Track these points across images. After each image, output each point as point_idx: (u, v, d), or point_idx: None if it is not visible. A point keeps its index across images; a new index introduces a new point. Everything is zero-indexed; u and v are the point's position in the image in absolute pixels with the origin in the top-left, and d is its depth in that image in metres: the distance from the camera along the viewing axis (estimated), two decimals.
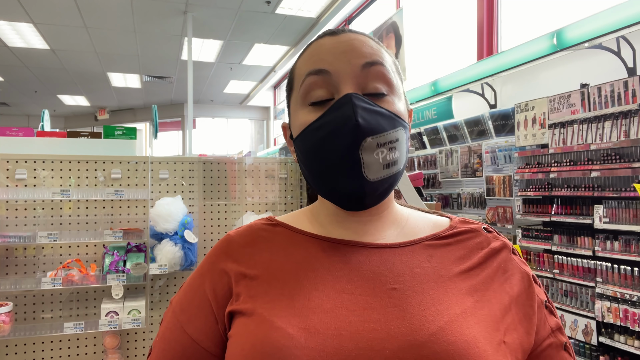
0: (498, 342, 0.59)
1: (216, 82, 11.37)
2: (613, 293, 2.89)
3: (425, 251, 0.66)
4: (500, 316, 0.61)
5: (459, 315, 0.58)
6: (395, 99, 0.65)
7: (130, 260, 2.40)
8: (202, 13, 7.07)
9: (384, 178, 0.62)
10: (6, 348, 2.31)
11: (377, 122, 0.61)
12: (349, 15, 7.92)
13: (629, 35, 3.14)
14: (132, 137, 2.65)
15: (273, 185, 2.77)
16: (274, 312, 0.58)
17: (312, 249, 0.66)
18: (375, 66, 0.64)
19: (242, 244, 0.68)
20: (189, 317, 0.65)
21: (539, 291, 0.68)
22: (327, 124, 0.61)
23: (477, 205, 4.43)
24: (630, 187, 2.84)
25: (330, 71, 0.63)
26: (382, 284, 0.61)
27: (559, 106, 3.42)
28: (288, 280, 0.62)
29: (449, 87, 4.79)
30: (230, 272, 0.65)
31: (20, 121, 14.41)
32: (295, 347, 0.54)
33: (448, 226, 0.71)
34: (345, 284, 0.61)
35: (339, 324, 0.56)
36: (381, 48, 0.68)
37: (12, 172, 2.35)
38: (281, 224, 0.70)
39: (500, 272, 0.66)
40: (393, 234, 0.68)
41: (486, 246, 0.68)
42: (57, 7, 6.72)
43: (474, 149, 4.47)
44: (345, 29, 0.68)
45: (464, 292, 0.62)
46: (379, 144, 0.60)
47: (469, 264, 0.65)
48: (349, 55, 0.64)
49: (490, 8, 4.92)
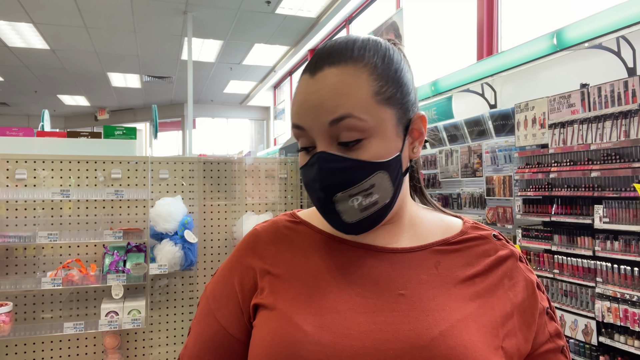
0: (496, 347, 0.62)
1: (216, 82, 11.37)
2: (613, 293, 2.89)
3: (434, 257, 0.70)
4: (500, 323, 0.65)
5: (460, 321, 0.62)
6: (374, 141, 0.64)
7: (130, 260, 2.39)
8: (202, 13, 7.06)
9: (363, 219, 0.65)
10: (6, 348, 2.31)
11: (346, 177, 0.63)
12: (349, 15, 7.92)
13: (629, 35, 3.13)
14: (132, 137, 2.65)
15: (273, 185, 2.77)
16: (292, 309, 0.64)
17: (329, 250, 0.70)
18: (343, 121, 0.62)
19: (267, 241, 0.73)
20: (219, 305, 0.72)
21: (542, 298, 0.71)
22: (304, 177, 0.67)
23: (477, 205, 4.43)
24: (630, 187, 2.84)
25: (305, 128, 0.65)
26: (391, 289, 0.65)
27: (559, 106, 3.42)
28: (307, 280, 0.67)
29: (449, 87, 4.79)
30: (256, 268, 0.71)
31: (20, 121, 14.41)
32: (309, 342, 0.60)
33: (459, 231, 0.74)
34: (357, 287, 0.66)
35: (349, 324, 0.61)
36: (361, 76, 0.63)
37: (12, 172, 2.34)
38: (303, 222, 0.75)
39: (505, 279, 0.69)
40: (405, 237, 0.72)
41: (493, 254, 0.71)
42: (57, 7, 6.72)
43: (474, 149, 4.47)
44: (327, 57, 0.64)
45: (467, 298, 0.65)
46: (351, 195, 0.63)
47: (475, 271, 0.68)
48: (317, 112, 0.63)
49: (490, 8, 4.92)
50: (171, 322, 2.58)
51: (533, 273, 0.73)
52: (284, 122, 11.91)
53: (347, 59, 0.64)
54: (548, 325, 0.70)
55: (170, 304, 2.58)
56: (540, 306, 0.70)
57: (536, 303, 0.69)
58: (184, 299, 2.60)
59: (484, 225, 0.77)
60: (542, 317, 0.69)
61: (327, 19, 7.41)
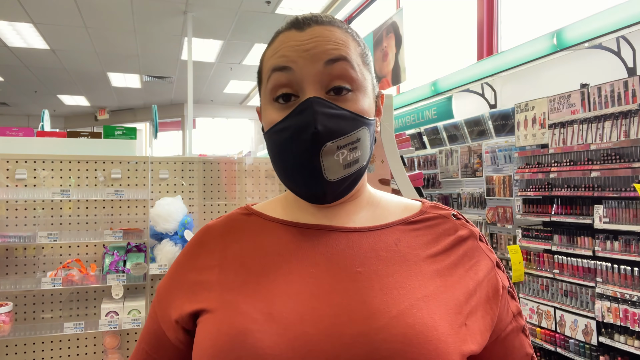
0: (459, 324, 0.60)
1: (216, 82, 11.37)
2: (613, 293, 2.89)
3: (393, 235, 0.67)
4: (463, 300, 0.63)
5: (420, 299, 0.60)
6: (360, 95, 0.65)
7: (130, 260, 2.40)
8: (202, 13, 7.07)
9: (345, 177, 0.64)
10: (6, 348, 2.31)
11: (338, 126, 0.62)
12: (349, 15, 7.92)
13: (629, 35, 3.14)
14: (132, 137, 2.65)
15: (273, 185, 2.77)
16: (239, 298, 0.61)
17: (282, 235, 0.68)
18: (339, 62, 0.63)
19: (216, 235, 0.72)
20: (162, 306, 0.70)
21: (503, 277, 0.70)
22: (289, 128, 0.63)
23: (477, 205, 4.43)
24: (630, 187, 2.84)
25: (294, 69, 0.63)
26: (348, 267, 0.63)
27: (559, 106, 3.42)
28: (255, 268, 0.65)
29: (449, 87, 4.79)
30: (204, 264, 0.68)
31: (20, 121, 14.41)
32: (258, 330, 0.57)
33: (418, 211, 0.72)
34: (310, 269, 0.63)
35: (302, 309, 0.58)
36: (348, 38, 0.67)
37: (12, 172, 2.35)
38: (255, 213, 0.73)
39: (466, 258, 0.67)
40: (364, 217, 0.70)
41: (453, 233, 0.70)
42: (57, 7, 6.72)
43: (474, 149, 4.47)
44: (312, 18, 0.67)
45: (428, 276, 0.63)
46: (339, 147, 0.62)
47: (436, 250, 0.67)
48: (311, 53, 0.63)
49: (490, 8, 4.92)
50: None
51: (493, 253, 0.72)
52: None
53: (332, 23, 0.67)
54: (510, 304, 0.70)
55: None
56: (502, 284, 0.69)
57: (497, 282, 0.68)
58: None
59: (444, 206, 0.75)
60: (504, 296, 0.68)
61: None
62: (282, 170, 0.66)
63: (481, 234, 0.73)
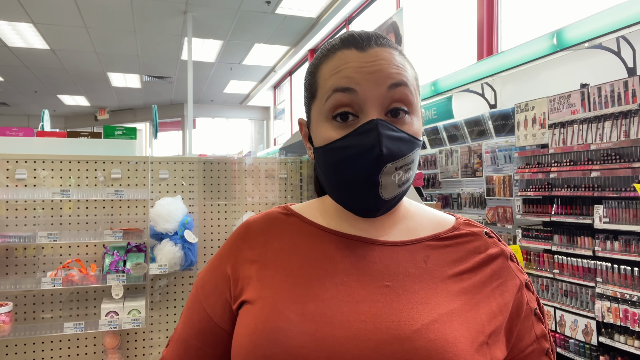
0: (480, 343, 0.62)
1: (216, 82, 11.37)
2: (613, 293, 2.89)
3: (423, 251, 0.69)
4: (486, 320, 0.64)
5: (443, 315, 0.62)
6: (414, 119, 0.68)
7: (130, 260, 2.40)
8: (202, 13, 7.07)
9: (397, 195, 0.67)
10: (6, 348, 2.31)
11: (398, 148, 0.65)
12: (349, 15, 7.92)
13: (629, 35, 3.14)
14: (132, 137, 2.65)
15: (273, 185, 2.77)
16: (277, 297, 0.65)
17: (318, 241, 0.71)
18: (400, 87, 0.66)
19: (258, 232, 0.75)
20: (206, 294, 0.74)
21: (531, 298, 0.71)
22: (353, 147, 0.65)
23: (477, 205, 4.43)
24: (630, 187, 2.84)
25: (358, 91, 0.65)
26: (378, 280, 0.66)
27: (559, 106, 3.42)
28: (293, 269, 0.68)
29: (449, 87, 4.79)
30: (245, 258, 0.72)
31: (20, 121, 14.41)
32: (291, 329, 0.61)
33: (450, 227, 0.73)
34: (344, 277, 0.66)
35: (332, 313, 0.62)
36: (405, 61, 0.69)
37: (12, 172, 2.35)
38: (295, 214, 0.76)
39: (494, 278, 0.68)
40: (398, 231, 0.72)
41: (484, 251, 0.71)
42: (57, 7, 6.72)
43: (474, 149, 4.47)
44: (371, 38, 0.68)
45: (453, 293, 0.65)
46: (397, 168, 0.65)
47: (463, 267, 0.68)
48: (376, 76, 0.65)
49: (490, 8, 4.92)
50: (171, 322, 2.58)
51: (523, 273, 0.73)
52: (284, 122, 11.91)
53: (391, 45, 0.69)
54: (535, 326, 0.70)
55: (170, 304, 2.58)
56: (528, 307, 0.69)
57: (522, 304, 0.69)
58: (184, 299, 2.60)
59: (477, 223, 0.76)
60: (529, 318, 0.69)
61: (327, 19, 7.41)
62: (337, 185, 0.68)
63: (512, 253, 0.74)
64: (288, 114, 11.54)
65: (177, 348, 0.76)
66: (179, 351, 0.75)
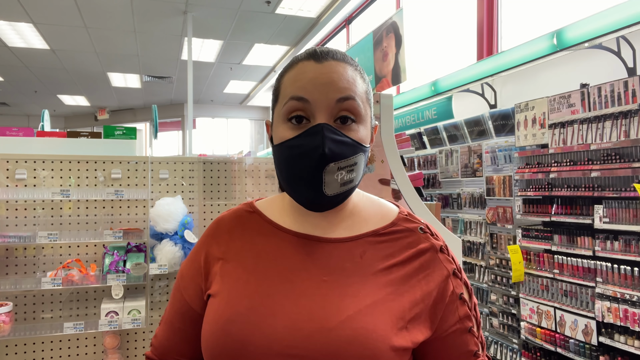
0: (400, 328, 0.72)
1: (216, 82, 11.37)
2: (613, 293, 2.89)
3: (361, 247, 0.79)
4: (408, 307, 0.74)
5: (368, 306, 0.72)
6: (361, 127, 0.77)
7: (130, 260, 2.40)
8: (202, 13, 7.06)
9: (340, 193, 0.75)
10: (6, 348, 2.31)
11: (341, 150, 0.73)
12: (348, 15, 7.92)
13: (629, 35, 3.13)
14: (132, 137, 2.65)
15: (273, 185, 2.77)
16: (232, 292, 0.76)
17: (272, 239, 0.81)
18: (348, 101, 0.74)
19: (224, 230, 0.85)
20: (185, 285, 0.85)
21: (457, 284, 0.80)
22: (300, 146, 0.73)
23: (477, 205, 4.43)
24: (630, 187, 2.84)
25: (310, 100, 0.74)
26: (318, 275, 0.75)
27: (559, 106, 3.42)
28: (248, 266, 0.79)
29: (449, 87, 4.78)
30: (213, 254, 0.83)
31: (20, 121, 14.41)
32: (240, 321, 0.72)
33: (389, 222, 0.83)
34: (289, 274, 0.76)
35: (276, 307, 0.72)
36: (357, 76, 0.78)
37: (12, 172, 2.35)
38: (257, 212, 0.86)
39: (420, 270, 0.78)
40: (343, 228, 0.81)
41: (415, 246, 0.80)
42: (57, 7, 6.72)
43: (474, 149, 4.47)
44: (329, 53, 0.77)
45: (380, 285, 0.75)
46: (339, 168, 0.73)
47: (394, 261, 0.78)
48: (327, 89, 0.74)
49: (490, 8, 4.92)
50: None
51: (452, 262, 0.81)
52: None
53: (346, 59, 0.78)
54: (459, 309, 0.78)
55: None
56: (452, 292, 0.78)
57: (447, 290, 0.77)
58: None
59: (416, 218, 0.85)
60: (454, 302, 0.78)
61: (327, 19, 7.40)
62: (288, 179, 0.76)
63: (444, 245, 0.82)
64: None
65: (165, 327, 0.89)
66: (167, 330, 0.88)
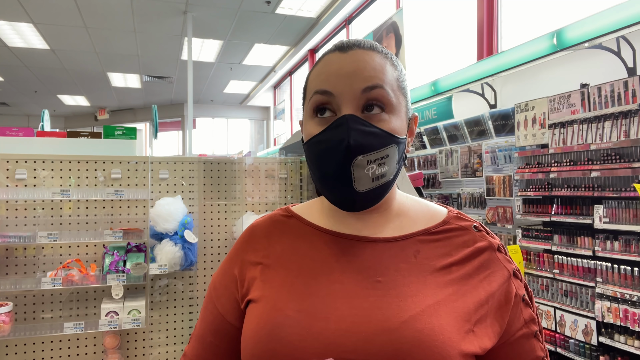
0: (466, 330, 0.66)
1: (216, 82, 11.37)
2: (613, 293, 2.89)
3: (414, 246, 0.74)
4: (473, 309, 0.68)
5: (430, 306, 0.67)
6: (392, 117, 0.71)
7: (130, 260, 2.40)
8: (202, 13, 7.07)
9: (372, 189, 0.70)
10: (6, 348, 2.31)
11: (369, 142, 0.68)
12: (349, 15, 7.92)
13: (629, 35, 3.13)
14: (132, 137, 2.65)
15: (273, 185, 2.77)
16: (277, 296, 0.71)
17: (316, 241, 0.76)
18: (375, 90, 0.69)
19: (261, 235, 0.81)
20: (218, 295, 0.80)
21: (519, 286, 0.75)
22: (326, 141, 0.69)
23: (477, 205, 4.43)
24: (630, 187, 2.84)
25: (334, 93, 0.70)
26: (370, 276, 0.70)
27: (559, 106, 3.42)
28: (293, 269, 0.74)
29: (449, 87, 4.78)
30: (250, 260, 0.78)
31: (20, 121, 14.41)
32: (289, 325, 0.67)
33: (441, 221, 0.77)
34: (338, 275, 0.71)
35: (327, 309, 0.67)
36: (386, 64, 0.72)
37: (12, 172, 2.35)
38: (295, 216, 0.81)
39: (481, 269, 0.73)
40: (391, 228, 0.76)
41: (472, 245, 0.75)
42: (57, 7, 6.72)
43: (474, 149, 4.47)
44: (355, 42, 0.73)
45: (441, 285, 0.70)
46: (369, 161, 0.68)
47: (451, 260, 0.73)
48: (351, 79, 0.69)
49: (490, 8, 4.92)
50: (171, 322, 2.58)
51: (511, 262, 0.76)
52: (284, 122, 11.90)
53: (374, 48, 0.73)
54: (523, 312, 0.74)
55: (170, 304, 2.58)
56: (516, 294, 0.73)
57: (511, 291, 0.72)
58: (184, 299, 2.60)
59: (467, 216, 0.79)
60: (518, 304, 0.73)
61: (327, 19, 7.41)
62: (319, 178, 0.72)
63: (501, 244, 0.77)
64: (288, 114, 11.53)
65: (195, 344, 0.83)
66: (197, 347, 0.82)
